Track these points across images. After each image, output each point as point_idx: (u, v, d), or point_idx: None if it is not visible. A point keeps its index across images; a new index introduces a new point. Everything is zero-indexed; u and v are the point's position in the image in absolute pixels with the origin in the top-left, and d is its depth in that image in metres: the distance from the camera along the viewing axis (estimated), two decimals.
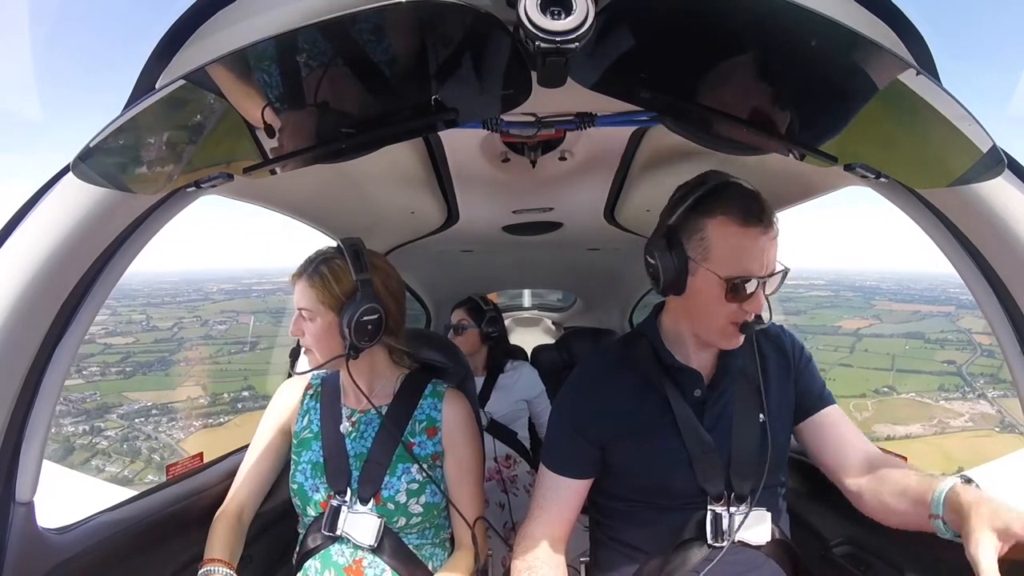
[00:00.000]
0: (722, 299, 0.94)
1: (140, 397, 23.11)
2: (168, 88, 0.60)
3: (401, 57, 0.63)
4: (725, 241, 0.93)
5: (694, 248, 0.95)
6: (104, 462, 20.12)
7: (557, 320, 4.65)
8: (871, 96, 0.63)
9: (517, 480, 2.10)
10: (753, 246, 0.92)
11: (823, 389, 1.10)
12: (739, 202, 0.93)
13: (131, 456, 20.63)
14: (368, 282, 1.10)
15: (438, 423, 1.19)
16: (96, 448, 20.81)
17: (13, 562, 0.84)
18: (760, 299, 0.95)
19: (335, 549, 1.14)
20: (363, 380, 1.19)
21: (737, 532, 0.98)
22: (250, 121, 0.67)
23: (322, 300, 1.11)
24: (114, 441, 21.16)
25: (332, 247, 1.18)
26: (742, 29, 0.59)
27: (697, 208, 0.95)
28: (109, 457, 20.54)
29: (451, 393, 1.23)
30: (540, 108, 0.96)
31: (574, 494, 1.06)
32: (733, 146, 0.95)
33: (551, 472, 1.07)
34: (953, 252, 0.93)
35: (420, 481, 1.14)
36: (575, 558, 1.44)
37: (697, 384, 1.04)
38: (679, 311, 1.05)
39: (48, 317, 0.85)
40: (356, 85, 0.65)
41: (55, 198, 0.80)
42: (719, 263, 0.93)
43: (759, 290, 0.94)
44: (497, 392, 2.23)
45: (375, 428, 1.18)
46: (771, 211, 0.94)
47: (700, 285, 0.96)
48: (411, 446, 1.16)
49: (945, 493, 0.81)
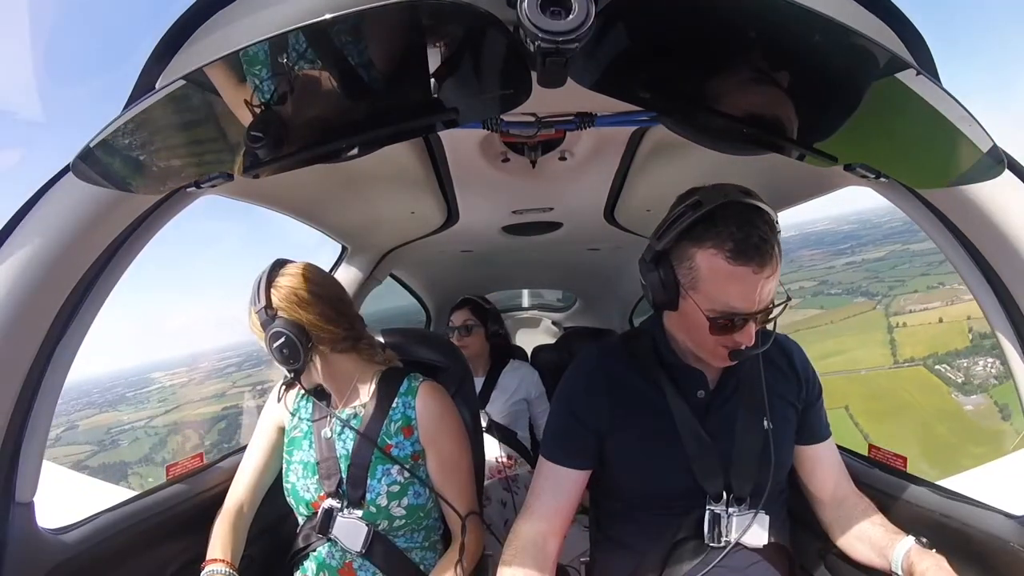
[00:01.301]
0: (708, 330, 0.91)
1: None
2: (168, 88, 0.60)
3: (401, 57, 0.63)
4: (713, 275, 0.88)
5: (683, 274, 0.91)
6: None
7: (557, 320, 4.65)
8: (871, 96, 0.63)
9: (518, 480, 2.10)
10: (741, 285, 0.87)
11: (825, 424, 1.11)
12: (733, 235, 0.85)
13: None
14: (266, 308, 1.11)
15: (413, 421, 1.18)
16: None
17: (13, 562, 0.84)
18: (750, 332, 0.91)
19: (326, 551, 1.14)
20: (335, 384, 1.19)
21: (735, 534, 0.98)
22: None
23: (257, 336, 1.15)
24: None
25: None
26: (742, 29, 0.59)
27: (689, 234, 0.89)
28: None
29: (425, 388, 1.21)
30: (540, 108, 0.96)
31: (571, 486, 1.04)
32: (733, 146, 0.95)
33: (548, 462, 1.06)
34: (953, 252, 0.93)
35: (402, 483, 1.13)
36: (575, 558, 1.44)
37: (700, 385, 1.03)
38: (677, 322, 1.04)
39: (48, 317, 0.85)
40: (356, 85, 0.65)
41: (55, 198, 0.80)
42: (704, 297, 0.89)
43: (750, 324, 0.90)
44: (497, 392, 2.22)
45: (354, 430, 1.17)
46: (770, 241, 0.86)
47: (689, 310, 0.93)
48: (388, 448, 1.15)
49: (903, 557, 0.92)
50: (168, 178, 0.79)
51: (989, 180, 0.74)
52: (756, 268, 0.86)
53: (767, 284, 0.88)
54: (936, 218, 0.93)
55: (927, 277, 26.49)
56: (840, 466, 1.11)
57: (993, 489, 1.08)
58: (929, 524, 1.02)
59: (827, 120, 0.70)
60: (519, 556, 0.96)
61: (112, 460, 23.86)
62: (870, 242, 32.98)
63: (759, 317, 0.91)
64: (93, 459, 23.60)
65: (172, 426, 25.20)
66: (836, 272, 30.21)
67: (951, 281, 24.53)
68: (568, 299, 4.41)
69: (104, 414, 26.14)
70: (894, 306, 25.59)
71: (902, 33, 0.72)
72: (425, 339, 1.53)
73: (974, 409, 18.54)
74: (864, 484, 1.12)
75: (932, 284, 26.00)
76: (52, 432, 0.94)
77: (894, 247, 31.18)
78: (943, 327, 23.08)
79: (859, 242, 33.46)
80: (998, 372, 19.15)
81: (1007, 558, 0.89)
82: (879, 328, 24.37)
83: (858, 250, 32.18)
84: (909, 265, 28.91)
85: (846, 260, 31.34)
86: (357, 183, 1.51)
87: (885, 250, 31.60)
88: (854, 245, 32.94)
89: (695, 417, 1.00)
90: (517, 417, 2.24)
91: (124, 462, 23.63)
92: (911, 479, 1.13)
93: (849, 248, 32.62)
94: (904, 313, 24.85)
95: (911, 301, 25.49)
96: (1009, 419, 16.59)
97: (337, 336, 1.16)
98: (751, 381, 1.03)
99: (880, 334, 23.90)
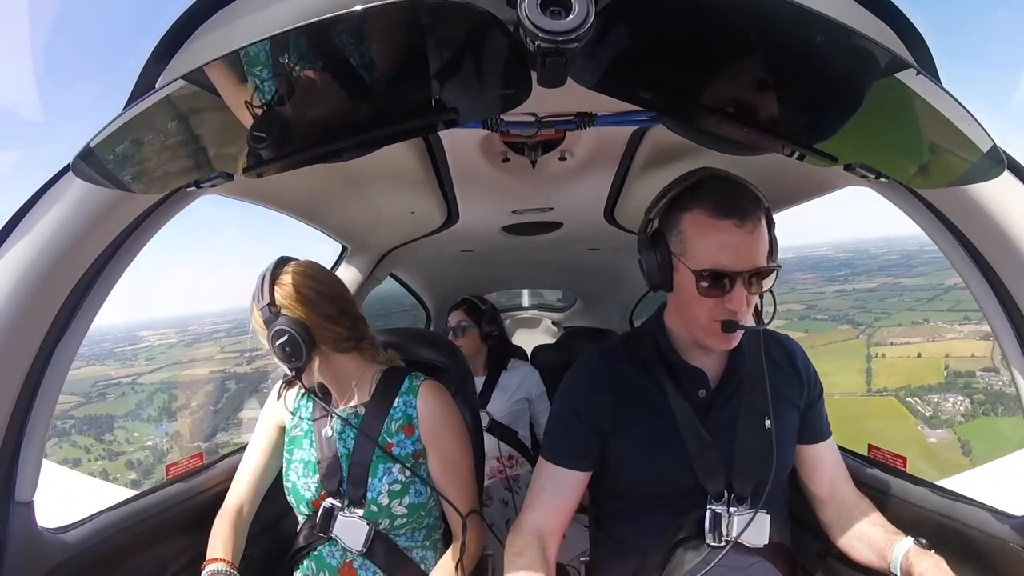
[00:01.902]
0: (699, 294, 0.93)
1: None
2: (168, 88, 0.60)
3: (401, 56, 0.63)
4: (698, 234, 0.93)
5: (675, 243, 0.96)
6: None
7: (557, 320, 4.65)
8: (871, 96, 0.63)
9: (520, 479, 2.10)
10: (725, 239, 0.91)
11: (826, 424, 1.12)
12: (714, 195, 0.92)
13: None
14: (268, 306, 1.10)
15: (414, 420, 1.17)
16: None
17: (13, 562, 0.84)
18: (740, 296, 0.92)
19: (326, 550, 1.14)
20: (336, 383, 1.18)
21: (736, 533, 0.98)
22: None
23: (259, 333, 1.13)
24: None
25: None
26: (742, 29, 0.58)
27: (677, 203, 0.96)
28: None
29: (427, 387, 1.21)
30: (540, 108, 0.96)
31: (572, 487, 1.04)
32: (733, 146, 0.95)
33: (549, 463, 1.06)
34: (953, 252, 0.93)
35: (403, 481, 1.13)
36: (575, 558, 1.44)
37: (701, 384, 1.03)
38: (673, 308, 1.06)
39: (48, 317, 0.85)
40: (356, 84, 0.65)
41: (55, 198, 0.80)
42: (692, 257, 0.93)
43: (739, 287, 0.92)
44: (498, 391, 2.22)
45: (355, 429, 1.17)
46: (752, 205, 0.92)
47: (681, 280, 0.96)
48: (390, 447, 1.15)
49: (901, 558, 0.92)
50: (168, 178, 0.79)
51: (989, 180, 0.74)
52: (738, 222, 0.90)
53: (751, 241, 0.91)
54: (936, 218, 0.93)
55: (913, 312, 27.78)
56: (840, 466, 1.11)
57: (993, 489, 1.08)
58: (929, 524, 1.02)
59: (827, 120, 0.70)
60: (521, 556, 0.96)
61: (99, 412, 23.92)
62: (864, 272, 33.95)
63: (747, 279, 0.92)
64: (79, 410, 23.67)
65: (160, 384, 25.17)
66: (825, 298, 31.24)
67: (937, 319, 26.29)
68: (568, 299, 4.42)
69: (91, 367, 25.89)
70: (876, 337, 26.66)
71: (902, 33, 0.72)
72: (425, 339, 1.53)
73: (937, 442, 19.45)
74: (864, 484, 1.12)
75: (917, 320, 27.30)
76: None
77: (887, 279, 32.18)
78: (920, 362, 24.31)
79: (853, 271, 34.41)
80: (966, 410, 20.49)
81: (1007, 558, 0.89)
82: (859, 356, 25.40)
83: (851, 279, 33.15)
84: (898, 299, 30.05)
85: (837, 287, 32.35)
86: (357, 183, 1.51)
87: (877, 281, 32.50)
88: (848, 274, 33.90)
89: (696, 416, 1.00)
90: (518, 416, 2.24)
91: (111, 415, 23.77)
92: (911, 479, 1.13)
93: (843, 276, 33.56)
94: (885, 344, 25.93)
95: (893, 334, 26.56)
96: (969, 455, 17.96)
97: (340, 336, 1.15)
98: (753, 381, 1.02)
99: (859, 362, 24.93)
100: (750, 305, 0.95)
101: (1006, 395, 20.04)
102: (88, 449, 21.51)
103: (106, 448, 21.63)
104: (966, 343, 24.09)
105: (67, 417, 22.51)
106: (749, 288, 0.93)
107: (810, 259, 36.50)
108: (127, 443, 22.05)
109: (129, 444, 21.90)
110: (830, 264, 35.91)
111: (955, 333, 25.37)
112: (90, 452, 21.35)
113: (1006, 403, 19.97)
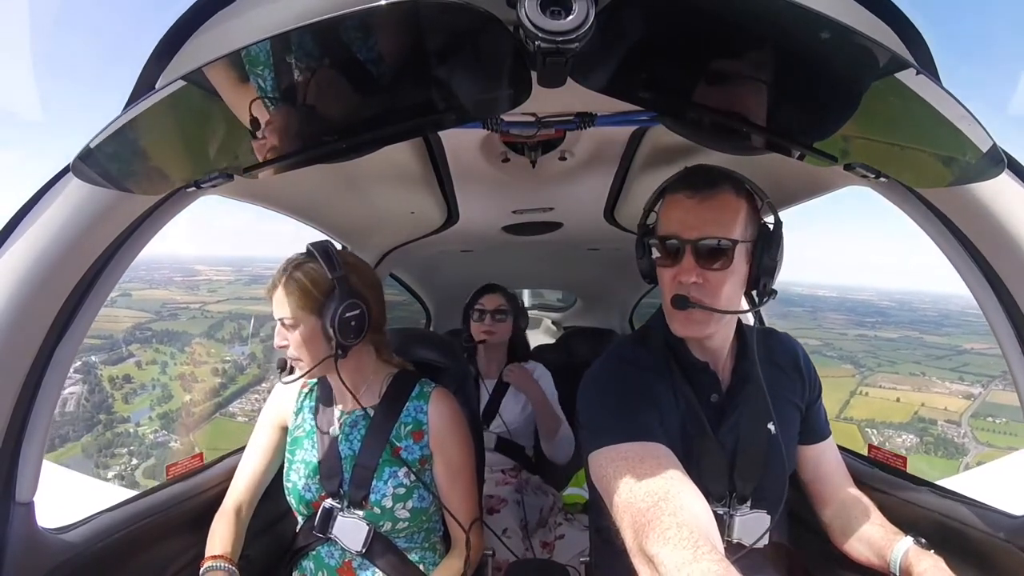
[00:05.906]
0: (658, 266, 0.97)
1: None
2: (168, 88, 0.60)
3: (401, 57, 0.63)
4: (663, 211, 0.98)
5: (655, 230, 1.00)
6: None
7: (557, 320, 4.65)
8: (871, 96, 0.63)
9: (529, 482, 2.03)
10: (682, 209, 0.94)
11: (825, 423, 1.12)
12: (685, 177, 0.96)
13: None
14: (344, 279, 1.09)
15: (424, 426, 1.18)
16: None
17: (13, 562, 0.84)
18: (688, 266, 0.91)
19: (325, 551, 1.14)
20: (350, 380, 1.18)
21: (737, 533, 0.97)
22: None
23: (302, 306, 1.08)
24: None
25: (300, 253, 1.15)
26: (742, 28, 0.59)
27: (662, 194, 1.00)
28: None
29: (438, 394, 1.21)
30: (540, 108, 0.96)
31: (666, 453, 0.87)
32: (733, 146, 0.95)
33: (629, 443, 0.87)
34: (953, 252, 0.93)
35: (408, 485, 1.13)
36: (574, 557, 1.44)
37: (714, 388, 1.02)
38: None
39: (48, 317, 0.85)
40: (356, 85, 0.65)
41: (55, 198, 0.80)
42: (658, 231, 0.98)
43: (688, 256, 0.91)
44: (511, 394, 2.04)
45: (362, 430, 1.17)
46: (716, 179, 0.93)
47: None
48: (398, 450, 1.15)
49: (901, 557, 0.92)
50: (168, 178, 0.79)
51: (989, 180, 0.74)
52: (691, 192, 0.93)
53: (701, 210, 0.92)
54: (936, 218, 0.93)
55: (917, 365, 29.41)
56: (840, 466, 1.11)
57: (993, 489, 1.08)
58: (929, 524, 1.02)
59: (827, 119, 0.70)
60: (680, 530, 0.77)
61: (175, 329, 24.82)
62: (895, 323, 34.70)
63: (698, 250, 0.91)
64: (155, 324, 24.62)
65: (227, 314, 25.44)
66: (844, 339, 32.11)
67: (933, 374, 28.75)
68: (568, 299, 4.42)
69: (156, 290, 26.35)
70: (870, 379, 28.03)
71: (902, 32, 0.72)
72: (425, 339, 1.53)
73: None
74: (864, 484, 1.12)
75: (915, 372, 28.98)
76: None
77: (911, 333, 33.12)
78: (895, 404, 25.99)
79: (885, 319, 35.08)
80: (911, 446, 22.67)
81: (1007, 558, 0.89)
82: (844, 391, 26.68)
83: (878, 327, 33.92)
84: (910, 352, 31.13)
85: (861, 332, 33.14)
86: (357, 183, 1.51)
87: (900, 333, 33.35)
88: (879, 321, 34.63)
89: (708, 420, 0.99)
90: (529, 423, 2.06)
91: (188, 333, 24.55)
92: (911, 479, 1.13)
93: (873, 323, 34.28)
94: (874, 387, 27.41)
95: (887, 380, 28.01)
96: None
97: (379, 327, 1.18)
98: (759, 384, 1.01)
99: (842, 395, 26.31)
100: (707, 282, 0.91)
101: (953, 444, 23.40)
102: (172, 356, 23.02)
103: (189, 357, 23.01)
104: (946, 398, 26.08)
105: (144, 328, 23.70)
106: (699, 260, 0.91)
107: (851, 302, 37.61)
108: (208, 356, 23.13)
109: (210, 358, 23.00)
110: (867, 309, 36.96)
111: (942, 388, 27.28)
112: (174, 358, 22.80)
113: (948, 449, 23.02)
